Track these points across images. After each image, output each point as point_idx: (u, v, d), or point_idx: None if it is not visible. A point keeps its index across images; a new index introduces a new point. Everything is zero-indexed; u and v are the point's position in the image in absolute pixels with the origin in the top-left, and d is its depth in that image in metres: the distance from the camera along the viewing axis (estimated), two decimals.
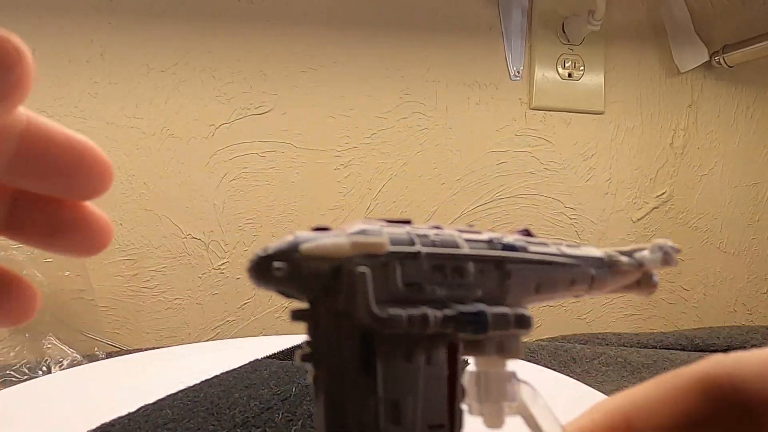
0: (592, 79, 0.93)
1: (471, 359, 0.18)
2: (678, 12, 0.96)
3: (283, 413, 0.37)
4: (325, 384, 0.16)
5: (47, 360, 0.71)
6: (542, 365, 0.72)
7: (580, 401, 0.42)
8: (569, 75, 0.92)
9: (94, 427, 0.36)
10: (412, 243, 0.17)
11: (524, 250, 0.19)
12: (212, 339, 0.85)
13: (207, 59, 0.83)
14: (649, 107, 0.97)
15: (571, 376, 0.58)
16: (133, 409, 0.38)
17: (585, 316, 0.97)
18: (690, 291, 1.00)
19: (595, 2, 0.83)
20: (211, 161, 0.84)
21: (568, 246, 0.19)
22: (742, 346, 0.85)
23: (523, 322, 0.18)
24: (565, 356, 0.78)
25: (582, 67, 0.92)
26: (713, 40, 0.97)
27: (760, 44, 0.89)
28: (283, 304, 0.87)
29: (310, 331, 0.16)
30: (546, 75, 0.91)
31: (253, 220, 0.85)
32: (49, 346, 0.72)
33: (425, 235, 0.17)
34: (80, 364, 0.68)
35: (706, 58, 0.96)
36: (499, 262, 0.18)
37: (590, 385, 0.58)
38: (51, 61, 0.79)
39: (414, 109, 0.89)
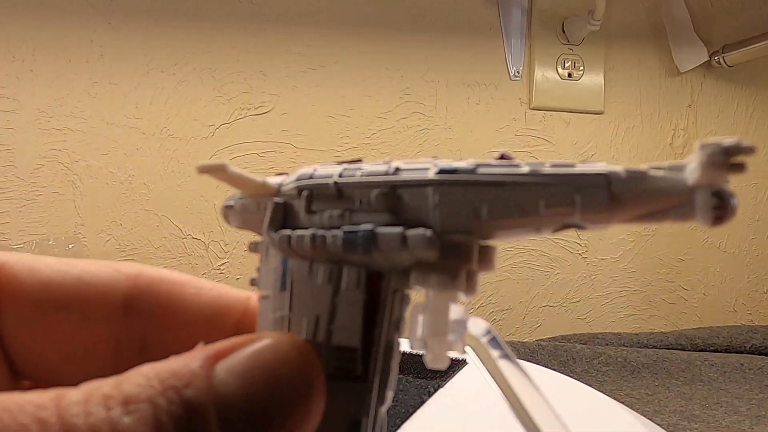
0: (592, 79, 0.93)
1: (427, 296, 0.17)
2: (678, 12, 0.96)
3: None
4: (260, 302, 0.18)
5: None
6: (542, 365, 0.72)
7: (580, 401, 0.42)
8: (569, 75, 0.92)
9: None
10: (329, 177, 0.18)
11: (468, 172, 0.16)
12: None
13: (207, 59, 0.83)
14: (649, 107, 0.97)
15: (571, 376, 0.58)
16: None
17: (585, 316, 0.97)
18: (690, 291, 1.00)
19: (594, 2, 0.83)
20: (211, 161, 0.84)
21: (555, 164, 0.16)
22: (742, 346, 0.85)
23: (426, 243, 0.16)
24: (565, 356, 0.78)
25: (582, 67, 0.92)
26: (713, 40, 0.97)
27: (760, 44, 0.89)
28: None
29: (260, 260, 0.19)
30: (546, 75, 0.91)
31: None
32: None
33: (353, 169, 0.18)
34: None
35: (706, 58, 0.96)
36: (418, 185, 0.17)
37: (590, 385, 0.58)
38: (51, 60, 0.79)
39: (414, 109, 0.89)
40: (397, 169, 0.17)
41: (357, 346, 0.17)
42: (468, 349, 0.19)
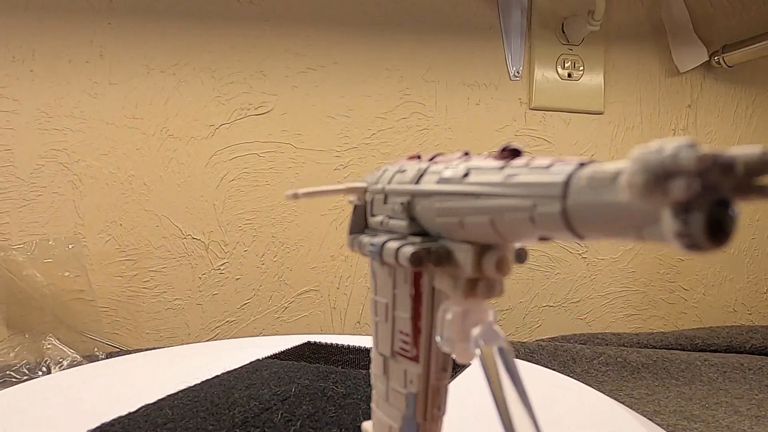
0: (592, 79, 0.93)
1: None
2: (678, 12, 0.96)
3: (282, 413, 0.37)
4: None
5: (47, 360, 0.71)
6: (542, 365, 0.72)
7: (580, 401, 0.42)
8: (569, 75, 0.92)
9: (94, 427, 0.36)
10: (384, 181, 0.20)
11: (456, 182, 0.16)
12: (212, 339, 0.85)
13: (207, 59, 0.83)
14: (649, 107, 0.97)
15: (571, 376, 0.58)
16: (133, 409, 0.38)
17: (585, 316, 0.97)
18: (690, 291, 1.00)
19: (594, 2, 0.83)
20: (211, 161, 0.84)
21: (532, 168, 0.13)
22: (742, 346, 0.85)
23: (410, 259, 0.17)
24: (565, 356, 0.79)
25: (581, 67, 0.92)
26: (713, 40, 0.97)
27: (760, 44, 0.89)
28: (282, 305, 0.87)
29: None
30: (546, 75, 0.91)
31: (253, 220, 0.85)
32: (49, 346, 0.72)
33: (402, 171, 0.19)
34: (80, 364, 0.68)
35: (706, 58, 0.96)
36: (427, 195, 0.17)
37: (590, 385, 0.58)
38: (51, 61, 0.79)
39: (414, 109, 0.89)
40: (423, 174, 0.18)
41: (409, 332, 0.20)
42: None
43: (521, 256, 0.18)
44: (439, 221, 0.17)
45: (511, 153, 0.15)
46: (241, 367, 0.49)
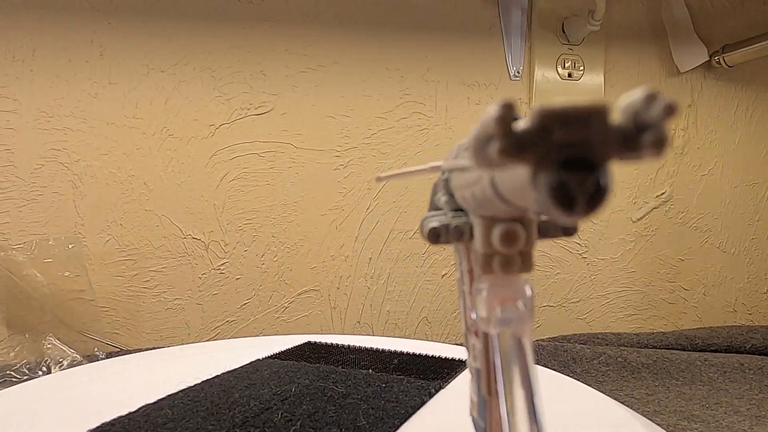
0: (592, 79, 0.93)
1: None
2: (678, 12, 0.96)
3: (282, 413, 0.37)
4: None
5: (47, 360, 0.71)
6: (542, 365, 0.72)
7: (580, 401, 0.42)
8: (569, 75, 0.92)
9: (94, 427, 0.36)
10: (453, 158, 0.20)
11: (463, 155, 0.17)
12: (212, 339, 0.85)
13: (207, 59, 0.83)
14: None
15: (571, 376, 0.58)
16: (133, 409, 0.38)
17: (585, 316, 0.97)
18: (690, 291, 1.00)
19: (594, 2, 0.83)
20: (211, 161, 0.84)
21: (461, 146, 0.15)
22: (742, 346, 0.85)
23: (428, 235, 0.17)
24: (565, 356, 0.79)
25: (582, 67, 0.92)
26: (713, 40, 0.97)
27: (760, 44, 0.89)
28: (282, 305, 0.87)
29: None
30: (546, 75, 0.91)
31: (253, 220, 0.85)
32: (49, 346, 0.72)
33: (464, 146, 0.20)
34: (80, 364, 0.68)
35: (706, 58, 0.96)
36: (457, 170, 0.18)
37: (590, 385, 0.58)
38: (51, 61, 0.79)
39: (414, 109, 0.89)
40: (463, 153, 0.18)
41: (467, 306, 0.20)
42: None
43: (568, 229, 0.17)
44: (458, 195, 0.17)
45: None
46: (241, 367, 0.49)
